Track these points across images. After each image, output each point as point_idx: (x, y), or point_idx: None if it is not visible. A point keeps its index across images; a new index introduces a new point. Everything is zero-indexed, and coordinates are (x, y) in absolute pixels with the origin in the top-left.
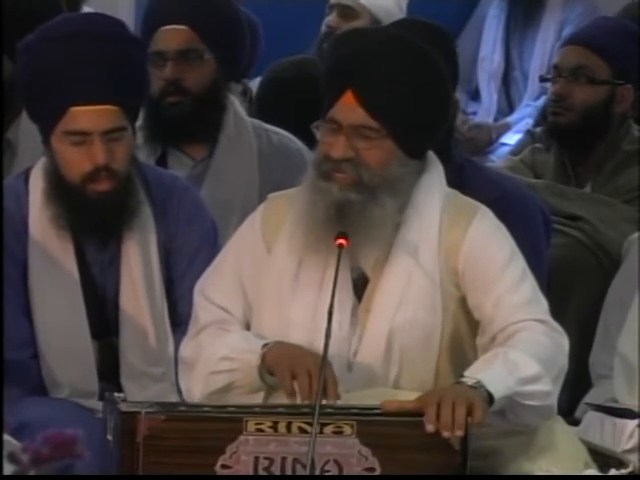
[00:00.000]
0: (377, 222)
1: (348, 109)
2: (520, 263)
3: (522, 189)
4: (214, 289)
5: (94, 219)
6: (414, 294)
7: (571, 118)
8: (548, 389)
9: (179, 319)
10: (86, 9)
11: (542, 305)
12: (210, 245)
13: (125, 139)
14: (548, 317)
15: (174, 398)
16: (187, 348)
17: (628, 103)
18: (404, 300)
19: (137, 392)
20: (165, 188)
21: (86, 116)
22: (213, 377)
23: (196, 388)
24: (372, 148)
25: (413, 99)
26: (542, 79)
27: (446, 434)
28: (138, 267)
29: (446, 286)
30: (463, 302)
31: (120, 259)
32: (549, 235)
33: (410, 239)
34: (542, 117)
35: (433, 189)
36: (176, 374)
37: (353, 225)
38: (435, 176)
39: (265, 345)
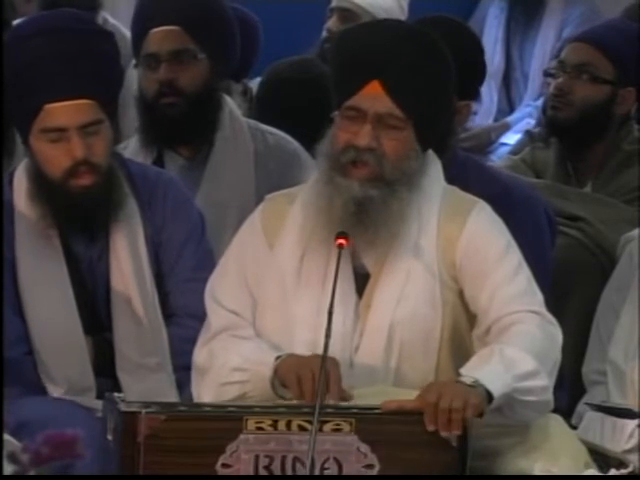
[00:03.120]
0: (397, 216)
1: (374, 98)
2: (516, 256)
3: (526, 187)
4: (223, 292)
5: (79, 214)
6: (414, 289)
7: (570, 113)
8: (545, 384)
9: (171, 311)
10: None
11: (537, 297)
12: (197, 237)
13: (102, 132)
14: (543, 309)
15: (171, 389)
16: (200, 354)
17: (629, 106)
18: (404, 295)
19: (133, 384)
20: (150, 182)
21: (61, 112)
22: (225, 388)
23: (207, 397)
24: (394, 139)
25: (434, 89)
26: (546, 73)
27: (444, 433)
28: (127, 260)
29: (445, 279)
30: (461, 295)
31: (109, 253)
32: (554, 233)
33: (410, 234)
34: (542, 111)
35: (432, 183)
36: (173, 365)
37: (373, 220)
38: (434, 172)
39: (278, 357)
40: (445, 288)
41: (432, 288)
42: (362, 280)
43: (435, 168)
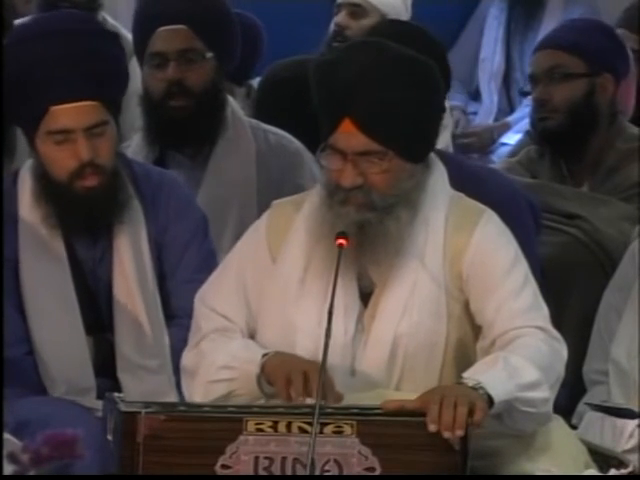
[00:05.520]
0: (394, 236)
1: (350, 137)
2: (523, 268)
3: (508, 185)
4: (216, 298)
5: (84, 216)
6: (419, 300)
7: (558, 119)
8: (546, 396)
9: (172, 312)
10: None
11: (542, 312)
12: (200, 238)
13: (108, 133)
14: (548, 324)
15: (172, 391)
16: (188, 357)
17: (610, 92)
18: (409, 306)
19: (134, 385)
20: (153, 183)
21: (67, 114)
22: (213, 385)
23: (197, 396)
24: (380, 172)
25: (412, 113)
26: (522, 93)
27: (447, 434)
28: (130, 261)
29: (451, 291)
30: (467, 306)
31: (111, 254)
32: (538, 225)
33: (416, 245)
34: (531, 126)
35: (437, 192)
36: (173, 366)
37: (372, 241)
38: (439, 177)
39: (265, 355)
40: (451, 299)
41: (438, 299)
42: (368, 292)
43: (439, 172)
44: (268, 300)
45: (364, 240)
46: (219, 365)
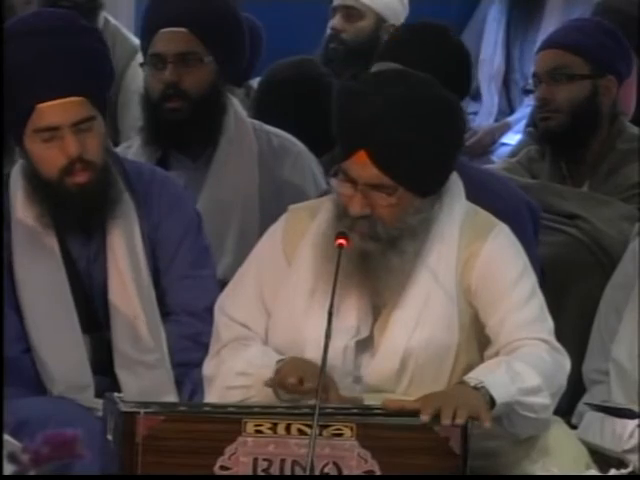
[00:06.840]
0: (396, 270)
1: (363, 167)
2: (530, 280)
3: (507, 187)
4: (235, 305)
5: (76, 213)
6: (432, 314)
7: (560, 120)
8: (547, 402)
9: (168, 309)
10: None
11: (547, 324)
12: (194, 234)
13: (95, 129)
14: (552, 337)
15: (170, 385)
16: (209, 366)
17: (613, 94)
18: (422, 320)
19: (132, 381)
20: (145, 179)
21: (53, 111)
22: (229, 392)
23: (213, 400)
24: (387, 206)
25: (429, 154)
26: (525, 91)
27: (446, 422)
28: (124, 257)
29: (462, 303)
30: (477, 318)
31: (105, 251)
32: (537, 226)
33: (430, 259)
34: (532, 125)
35: (454, 206)
36: (171, 362)
37: (372, 273)
38: (456, 194)
39: (280, 360)
40: (462, 313)
41: (450, 312)
42: (379, 306)
43: (457, 189)
44: (281, 303)
45: (367, 272)
46: (236, 371)
